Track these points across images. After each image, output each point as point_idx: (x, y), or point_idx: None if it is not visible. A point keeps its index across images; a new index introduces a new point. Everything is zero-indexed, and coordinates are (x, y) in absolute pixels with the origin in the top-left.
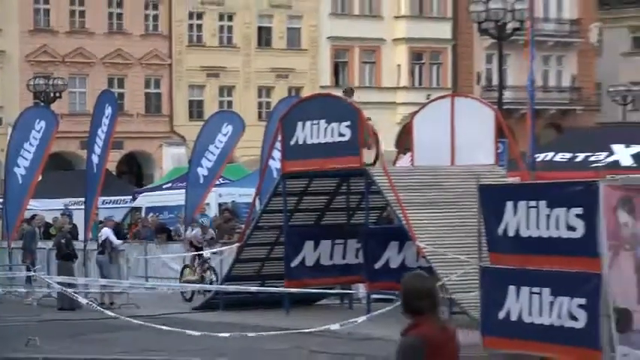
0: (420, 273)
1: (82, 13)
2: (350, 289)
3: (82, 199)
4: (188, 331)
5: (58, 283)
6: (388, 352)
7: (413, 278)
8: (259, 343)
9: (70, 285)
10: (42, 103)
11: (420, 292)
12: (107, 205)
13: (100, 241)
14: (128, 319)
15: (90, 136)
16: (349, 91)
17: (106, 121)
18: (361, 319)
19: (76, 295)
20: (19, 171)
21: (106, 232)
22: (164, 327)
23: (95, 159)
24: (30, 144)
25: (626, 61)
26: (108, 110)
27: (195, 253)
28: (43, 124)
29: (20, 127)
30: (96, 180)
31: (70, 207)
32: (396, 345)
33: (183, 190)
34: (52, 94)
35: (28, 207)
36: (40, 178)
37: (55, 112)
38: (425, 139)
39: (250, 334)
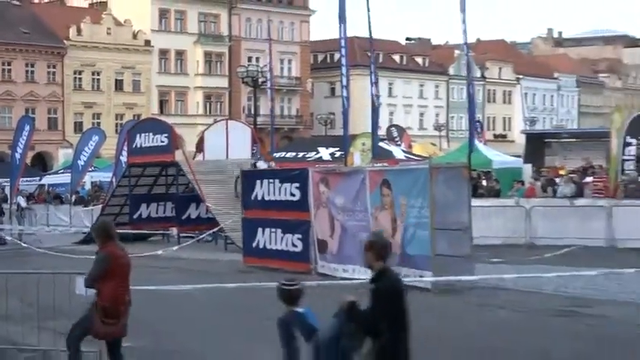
0: (106, 220)
1: (9, 70)
2: (167, 231)
3: (8, 179)
4: (73, 256)
5: None
6: (192, 267)
7: (102, 223)
8: None
9: None
10: None
11: (104, 229)
12: (25, 183)
13: (17, 204)
14: (37, 249)
15: (14, 142)
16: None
17: (25, 133)
18: (174, 247)
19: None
20: None
21: (20, 199)
22: (57, 253)
23: (18, 155)
24: None
25: (327, 100)
26: (27, 127)
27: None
28: None
29: None
30: (18, 168)
31: (2, 184)
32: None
33: (70, 174)
34: None
35: None
36: None
37: None
38: (211, 144)
39: None
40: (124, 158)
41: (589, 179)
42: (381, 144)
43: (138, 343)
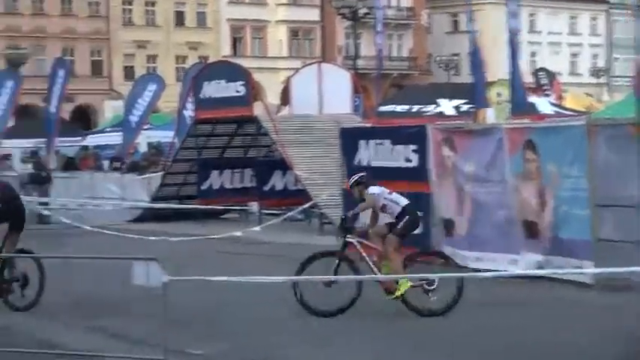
0: None
1: (41, 1)
2: (246, 207)
3: (44, 140)
4: (128, 235)
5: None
6: (279, 253)
7: None
8: (179, 245)
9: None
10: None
11: None
12: (63, 144)
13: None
14: (94, 228)
15: (48, 93)
16: None
17: (60, 80)
18: (256, 228)
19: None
20: None
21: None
22: (111, 233)
23: (52, 109)
24: (2, 98)
25: (449, 38)
26: (61, 72)
27: None
28: (11, 83)
29: None
30: (53, 125)
31: (37, 146)
32: None
33: (121, 133)
34: (19, 61)
35: (4, 145)
36: (12, 123)
37: (20, 74)
38: (300, 94)
39: (172, 239)
40: (188, 113)
41: None
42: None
43: (213, 349)
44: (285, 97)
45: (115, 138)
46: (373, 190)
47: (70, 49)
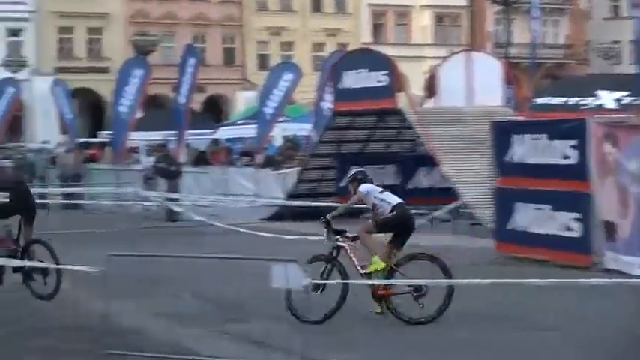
0: None
1: None
2: None
3: (174, 132)
4: (263, 234)
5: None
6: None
7: None
8: (317, 246)
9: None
10: (140, 55)
11: None
12: (194, 137)
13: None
14: (228, 226)
15: (179, 82)
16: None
17: (190, 69)
18: None
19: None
20: (123, 108)
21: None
22: (245, 231)
23: (182, 100)
24: (130, 87)
25: (609, 23)
26: (191, 60)
27: None
28: (140, 71)
29: (123, 74)
30: (183, 117)
31: (166, 139)
32: None
33: (254, 126)
34: (148, 48)
35: (131, 138)
36: (140, 114)
37: (149, 62)
38: (447, 85)
39: (311, 238)
40: (326, 104)
41: None
42: None
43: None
44: (431, 88)
45: (248, 131)
46: (364, 188)
47: (201, 36)
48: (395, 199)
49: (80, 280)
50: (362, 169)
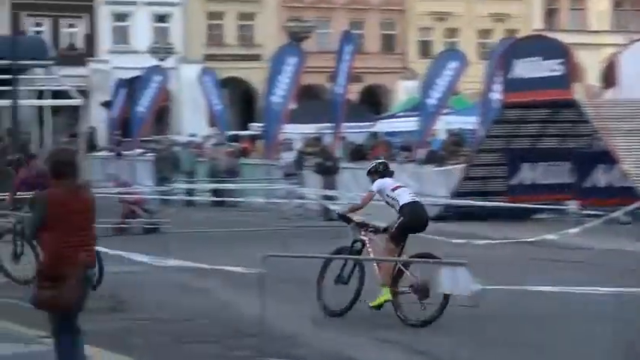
0: (64, 147)
1: None
2: (563, 206)
3: (330, 125)
4: (427, 236)
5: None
6: (600, 262)
7: (59, 151)
8: (485, 249)
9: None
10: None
11: (63, 162)
12: (351, 130)
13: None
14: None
15: (336, 71)
16: None
17: (347, 57)
18: (574, 230)
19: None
20: (275, 99)
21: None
22: None
23: (339, 90)
24: (283, 76)
25: None
26: (348, 47)
27: None
28: (294, 59)
29: (276, 62)
30: (339, 108)
31: (321, 131)
32: None
33: (415, 118)
34: (302, 35)
35: (285, 130)
36: (294, 106)
37: (303, 50)
38: (628, 75)
39: (478, 242)
40: (495, 95)
41: None
42: None
43: None
44: (610, 78)
45: (408, 124)
46: (377, 184)
47: (359, 22)
48: (405, 198)
49: (233, 282)
50: (384, 160)
